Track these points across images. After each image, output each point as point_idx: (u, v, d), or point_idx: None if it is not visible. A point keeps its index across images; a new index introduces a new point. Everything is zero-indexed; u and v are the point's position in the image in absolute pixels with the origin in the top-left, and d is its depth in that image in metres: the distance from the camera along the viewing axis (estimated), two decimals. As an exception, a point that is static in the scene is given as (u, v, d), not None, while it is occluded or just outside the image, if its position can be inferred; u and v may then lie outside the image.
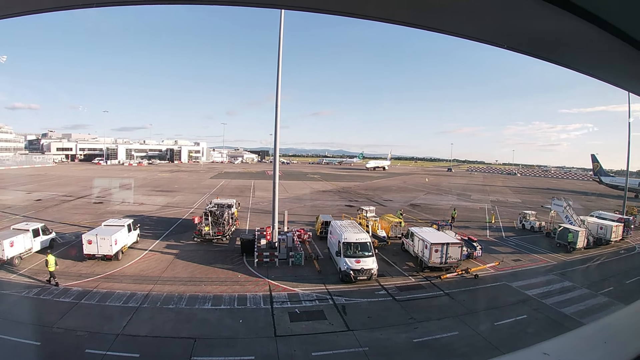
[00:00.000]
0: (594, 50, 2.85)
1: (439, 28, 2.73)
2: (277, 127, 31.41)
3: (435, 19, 2.63)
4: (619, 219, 41.40)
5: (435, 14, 2.57)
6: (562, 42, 2.82)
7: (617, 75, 3.42)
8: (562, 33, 2.61)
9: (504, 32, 2.77)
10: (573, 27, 2.37)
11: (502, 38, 2.86)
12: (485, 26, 2.69)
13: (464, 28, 2.79)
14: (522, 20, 2.49)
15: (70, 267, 25.82)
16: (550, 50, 3.05)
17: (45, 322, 18.09)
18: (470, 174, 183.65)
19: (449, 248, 26.82)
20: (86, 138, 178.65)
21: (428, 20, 2.65)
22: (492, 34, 2.83)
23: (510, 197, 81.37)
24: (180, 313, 19.77)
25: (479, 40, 2.90)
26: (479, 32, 2.81)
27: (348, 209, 52.71)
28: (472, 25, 2.71)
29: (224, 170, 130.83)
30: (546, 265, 30.78)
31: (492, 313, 21.41)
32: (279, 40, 29.55)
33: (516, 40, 2.89)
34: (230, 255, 29.28)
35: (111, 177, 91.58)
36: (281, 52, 29.82)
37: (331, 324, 19.02)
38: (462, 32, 2.82)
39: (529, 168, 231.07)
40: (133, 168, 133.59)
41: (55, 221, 38.66)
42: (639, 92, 3.58)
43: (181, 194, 64.26)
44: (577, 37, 2.62)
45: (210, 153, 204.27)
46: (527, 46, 2.98)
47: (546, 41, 2.83)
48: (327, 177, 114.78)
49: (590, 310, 21.85)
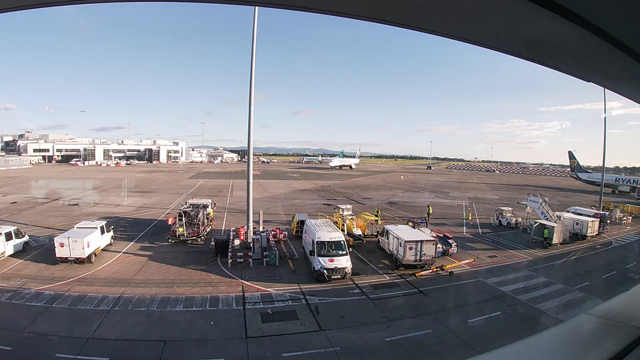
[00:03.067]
0: (573, 48, 2.89)
1: (422, 27, 2.72)
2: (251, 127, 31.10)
3: (418, 18, 2.62)
4: (595, 215, 42.08)
5: (418, 14, 2.56)
6: (542, 41, 2.85)
7: (594, 72, 3.50)
8: (543, 32, 2.61)
9: (485, 32, 2.79)
10: (553, 25, 2.37)
11: (482, 37, 2.88)
12: (467, 26, 2.68)
13: (445, 28, 2.78)
14: (503, 20, 2.51)
15: (42, 271, 25.29)
16: (529, 49, 3.09)
17: (16, 326, 17.74)
18: (449, 171, 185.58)
19: (423, 245, 26.83)
20: (63, 139, 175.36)
21: (410, 19, 2.64)
22: (474, 33, 2.83)
23: (488, 193, 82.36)
24: (151, 316, 19.43)
25: (461, 40, 2.91)
26: (461, 31, 2.80)
27: (326, 207, 52.54)
28: (454, 26, 2.71)
29: (203, 170, 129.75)
30: (522, 261, 31.08)
31: (466, 310, 21.48)
32: (252, 38, 29.28)
33: (496, 39, 2.90)
34: (204, 256, 28.91)
35: (88, 179, 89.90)
36: (254, 51, 29.61)
37: (303, 324, 18.85)
38: (444, 31, 2.82)
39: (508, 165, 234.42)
40: (111, 169, 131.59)
41: (30, 224, 37.92)
42: (615, 87, 3.64)
43: (158, 194, 63.38)
44: (557, 36, 2.64)
45: (189, 153, 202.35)
46: (507, 45, 3.00)
47: (526, 40, 2.86)
48: (307, 175, 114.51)
49: (566, 306, 22.11)
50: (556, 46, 2.91)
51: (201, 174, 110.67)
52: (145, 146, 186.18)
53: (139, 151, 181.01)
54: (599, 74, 3.51)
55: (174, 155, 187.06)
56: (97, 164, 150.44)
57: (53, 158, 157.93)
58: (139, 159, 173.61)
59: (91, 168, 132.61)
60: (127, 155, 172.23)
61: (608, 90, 4.01)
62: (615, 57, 2.76)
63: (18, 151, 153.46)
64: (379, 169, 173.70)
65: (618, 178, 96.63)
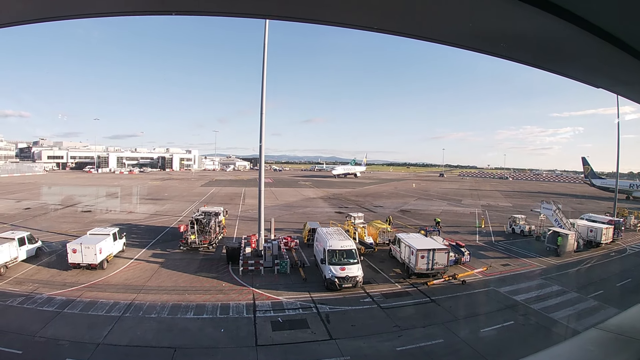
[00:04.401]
0: (579, 53, 2.87)
1: (430, 37, 2.77)
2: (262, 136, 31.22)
3: (426, 29, 2.67)
4: (609, 221, 41.49)
5: (425, 25, 2.61)
6: (546, 47, 2.83)
7: (603, 77, 3.44)
8: (546, 37, 2.60)
9: (495, 40, 2.79)
10: (556, 29, 2.36)
11: (493, 46, 2.89)
12: (476, 35, 2.69)
13: (454, 37, 2.81)
14: (515, 27, 2.51)
15: (55, 276, 25.58)
16: (534, 55, 3.07)
17: (28, 330, 17.96)
18: (462, 178, 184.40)
19: (435, 254, 26.59)
20: (77, 146, 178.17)
21: (419, 30, 2.69)
22: (483, 41, 2.85)
23: (501, 201, 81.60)
24: (162, 322, 19.50)
25: (471, 49, 2.94)
26: (470, 40, 2.82)
27: (337, 215, 52.46)
28: (463, 34, 2.72)
29: (215, 178, 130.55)
30: (535, 269, 30.64)
31: (479, 319, 21.21)
32: (264, 49, 29.76)
33: (508, 47, 2.89)
34: (215, 264, 28.94)
35: (101, 186, 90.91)
36: (266, 61, 30.08)
37: (314, 332, 18.75)
38: (453, 40, 2.85)
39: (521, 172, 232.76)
40: (124, 176, 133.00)
41: (43, 230, 38.42)
42: (626, 93, 3.60)
43: (170, 202, 63.86)
44: (561, 41, 2.62)
45: (202, 161, 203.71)
46: (519, 54, 3.01)
47: (529, 45, 2.84)
48: (318, 183, 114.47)
49: (580, 315, 21.74)
50: (562, 52, 2.88)
51: (214, 181, 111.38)
52: (158, 154, 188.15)
53: (152, 159, 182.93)
54: (608, 80, 3.45)
55: (186, 163, 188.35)
56: (111, 171, 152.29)
57: (67, 165, 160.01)
58: (152, 166, 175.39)
59: (104, 175, 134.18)
60: (140, 163, 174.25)
61: (619, 95, 3.98)
62: (625, 62, 2.71)
63: (32, 158, 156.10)
64: (390, 177, 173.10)
65: (632, 184, 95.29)
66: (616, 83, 3.45)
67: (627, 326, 3.01)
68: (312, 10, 2.56)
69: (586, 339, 2.97)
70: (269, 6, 2.58)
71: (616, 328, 2.96)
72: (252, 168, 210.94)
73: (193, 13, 2.74)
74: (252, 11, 2.64)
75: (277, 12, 2.62)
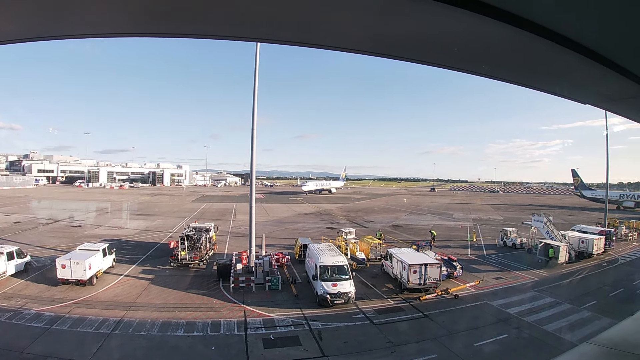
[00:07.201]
0: (565, 71, 2.92)
1: (419, 59, 2.82)
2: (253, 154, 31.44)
3: (411, 52, 2.77)
4: (600, 232, 41.77)
5: (411, 49, 2.72)
6: (532, 66, 2.87)
7: (590, 94, 3.52)
8: (537, 58, 2.64)
9: (478, 61, 2.85)
10: (543, 49, 2.39)
11: (477, 67, 2.93)
12: (460, 57, 2.75)
13: (441, 59, 2.84)
14: (496, 48, 2.56)
15: (43, 292, 25.31)
16: (526, 76, 3.15)
17: (16, 347, 17.69)
18: (453, 192, 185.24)
19: (427, 269, 26.54)
20: (68, 160, 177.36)
21: (409, 53, 2.79)
22: (467, 63, 2.89)
23: (492, 214, 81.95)
24: (152, 340, 19.24)
25: (456, 69, 2.99)
26: (454, 62, 2.89)
27: (329, 231, 52.23)
28: (449, 57, 2.79)
29: (207, 193, 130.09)
30: (528, 282, 30.72)
31: (472, 333, 21.07)
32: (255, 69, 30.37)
33: (492, 68, 2.96)
34: (206, 281, 28.64)
35: (91, 200, 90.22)
36: (257, 81, 30.67)
37: (306, 350, 18.53)
38: (440, 62, 2.87)
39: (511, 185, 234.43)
40: (114, 191, 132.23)
41: (32, 244, 38.06)
42: (613, 108, 3.66)
43: (161, 217, 63.40)
44: (547, 60, 2.66)
45: (193, 176, 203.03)
46: (503, 73, 3.05)
47: (522, 67, 2.92)
48: (309, 199, 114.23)
49: (573, 326, 21.75)
50: (546, 71, 2.94)
51: (204, 197, 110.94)
52: (149, 169, 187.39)
53: (143, 174, 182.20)
54: (595, 96, 3.51)
55: (177, 179, 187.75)
56: (101, 186, 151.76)
57: (57, 179, 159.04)
58: (143, 181, 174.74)
59: (95, 190, 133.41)
60: (131, 178, 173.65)
61: (606, 111, 4.04)
62: (607, 77, 2.74)
63: (22, 171, 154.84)
64: (382, 192, 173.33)
65: (622, 194, 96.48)
66: (603, 99, 3.50)
67: (618, 339, 3.02)
68: (303, 35, 2.61)
69: (579, 354, 2.95)
70: (262, 31, 2.60)
71: (608, 342, 2.96)
72: (244, 184, 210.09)
73: (187, 36, 2.77)
74: (245, 35, 2.68)
75: (269, 36, 2.67)
